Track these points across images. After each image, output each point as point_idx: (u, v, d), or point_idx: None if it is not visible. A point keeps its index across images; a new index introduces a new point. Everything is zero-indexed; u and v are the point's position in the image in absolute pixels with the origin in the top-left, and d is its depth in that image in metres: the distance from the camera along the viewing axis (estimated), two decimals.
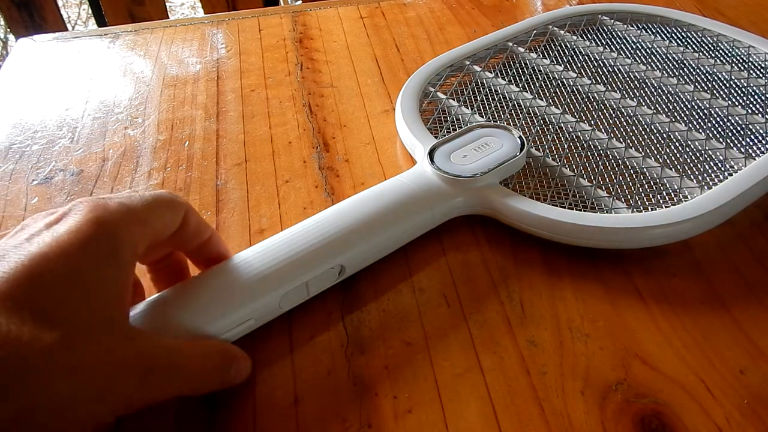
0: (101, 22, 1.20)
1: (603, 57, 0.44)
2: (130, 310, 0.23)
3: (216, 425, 0.25)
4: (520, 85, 0.42)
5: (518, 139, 0.34)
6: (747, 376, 0.26)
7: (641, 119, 0.39)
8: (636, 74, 0.43)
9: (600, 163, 0.35)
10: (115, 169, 0.38)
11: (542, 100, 0.40)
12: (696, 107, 0.39)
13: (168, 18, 1.22)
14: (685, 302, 0.29)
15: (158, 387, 0.22)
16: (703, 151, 0.36)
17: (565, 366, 0.26)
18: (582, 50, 0.46)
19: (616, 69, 0.44)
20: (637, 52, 0.46)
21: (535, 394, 0.25)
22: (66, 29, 1.22)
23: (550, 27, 0.48)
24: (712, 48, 0.45)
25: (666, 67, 0.44)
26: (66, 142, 0.41)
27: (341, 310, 0.29)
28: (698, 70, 0.43)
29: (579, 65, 0.44)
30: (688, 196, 0.32)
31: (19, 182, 0.37)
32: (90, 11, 1.23)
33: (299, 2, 1.48)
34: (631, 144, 0.36)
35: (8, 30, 1.41)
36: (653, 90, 0.41)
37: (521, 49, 0.45)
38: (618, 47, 0.46)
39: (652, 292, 0.29)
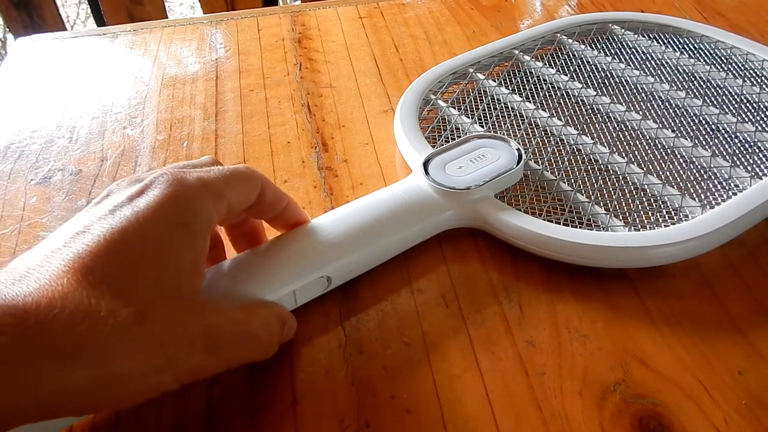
0: (100, 22, 1.20)
1: (610, 67, 0.44)
2: (203, 279, 0.24)
3: (215, 425, 0.25)
4: (524, 94, 0.41)
5: (516, 151, 0.33)
6: (745, 377, 0.26)
7: (645, 133, 0.38)
8: (643, 86, 0.42)
9: (600, 178, 0.34)
10: (114, 168, 0.38)
11: (545, 110, 0.39)
12: (703, 122, 0.38)
13: (167, 18, 1.22)
14: (683, 303, 0.29)
15: (223, 359, 0.23)
16: (707, 169, 0.35)
17: (563, 367, 0.26)
18: (589, 60, 0.45)
19: (623, 80, 0.43)
20: (646, 63, 0.45)
21: (534, 394, 0.25)
22: (65, 29, 1.22)
23: (558, 35, 0.47)
24: (725, 61, 0.44)
25: (675, 79, 0.43)
26: (65, 141, 0.41)
27: (339, 311, 0.29)
28: (708, 84, 0.42)
29: (585, 75, 0.43)
30: (689, 216, 0.31)
31: (18, 182, 0.37)
32: (89, 11, 1.23)
33: (298, 2, 1.48)
34: (633, 159, 0.36)
35: (7, 29, 1.41)
36: (660, 103, 0.40)
37: (527, 58, 0.45)
38: (627, 58, 0.45)
39: (651, 294, 0.29)
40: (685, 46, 0.46)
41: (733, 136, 0.37)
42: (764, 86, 0.41)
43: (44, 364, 0.18)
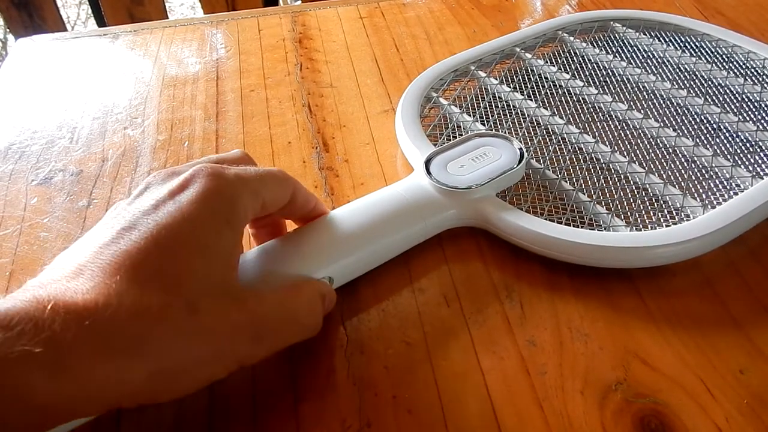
0: (101, 23, 1.21)
1: (612, 66, 0.44)
2: (238, 266, 0.25)
3: (216, 425, 0.25)
4: (525, 93, 0.41)
5: (517, 150, 0.33)
6: (747, 376, 0.26)
7: (647, 132, 0.37)
8: (645, 85, 0.42)
9: (601, 177, 0.34)
10: (115, 169, 0.38)
11: (546, 109, 0.39)
12: (705, 121, 0.38)
13: (167, 18, 1.22)
14: (684, 302, 0.29)
15: (269, 345, 0.24)
16: (708, 168, 0.35)
17: (564, 366, 0.26)
18: (591, 58, 0.45)
19: (624, 79, 0.42)
20: (648, 61, 0.44)
21: (535, 394, 0.25)
22: (65, 29, 1.22)
23: (560, 33, 0.47)
24: (726, 59, 0.44)
25: (676, 78, 0.42)
26: (65, 142, 0.41)
27: (341, 311, 0.29)
28: (710, 82, 0.42)
29: (587, 74, 0.43)
30: (690, 216, 0.31)
31: (19, 182, 0.37)
32: (89, 11, 1.23)
33: (299, 2, 1.48)
34: (634, 158, 0.35)
35: (8, 30, 1.41)
36: (662, 102, 0.40)
37: (528, 56, 0.44)
38: (628, 56, 0.45)
39: (652, 293, 0.29)
40: (687, 44, 0.46)
41: (734, 135, 0.37)
42: (765, 85, 0.41)
43: (104, 361, 0.19)
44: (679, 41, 0.46)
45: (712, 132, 0.38)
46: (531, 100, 0.40)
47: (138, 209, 0.23)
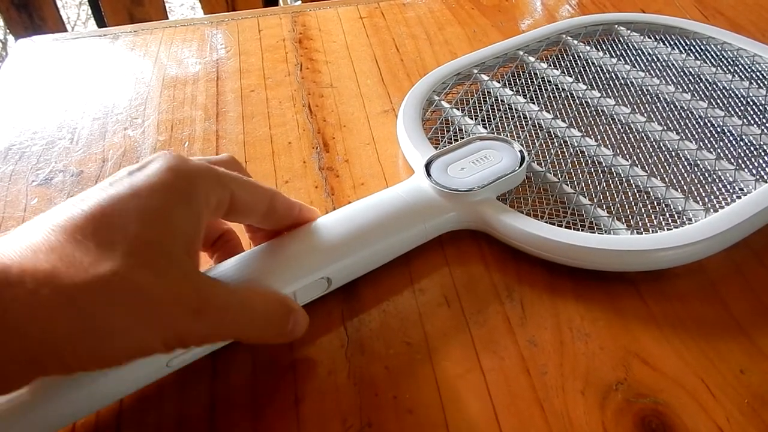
0: (101, 23, 1.21)
1: (616, 69, 0.43)
2: (199, 256, 0.24)
3: (217, 425, 0.25)
4: (528, 96, 0.41)
5: (518, 153, 0.33)
6: (747, 375, 0.26)
7: (650, 135, 0.37)
8: (649, 88, 0.42)
9: (603, 180, 0.34)
10: (115, 169, 0.38)
11: (549, 112, 0.39)
12: (708, 125, 0.38)
13: (167, 18, 1.22)
14: (685, 303, 0.29)
15: (213, 326, 0.23)
16: (711, 172, 0.34)
17: (565, 366, 0.26)
18: (594, 61, 0.44)
19: (628, 82, 0.42)
20: (652, 64, 0.44)
21: (536, 394, 0.25)
22: (65, 30, 1.22)
23: (564, 36, 0.47)
24: (731, 63, 0.44)
25: (681, 81, 0.42)
26: (66, 143, 0.41)
27: (342, 311, 0.29)
28: (714, 86, 0.42)
29: (590, 77, 0.43)
30: (692, 219, 0.31)
31: (19, 183, 0.37)
32: (89, 12, 1.23)
33: (299, 2, 1.48)
34: (636, 162, 0.35)
35: (8, 31, 1.41)
36: (665, 105, 0.40)
37: (532, 59, 0.44)
38: (632, 59, 0.45)
39: (653, 293, 0.29)
40: (692, 47, 0.46)
41: (738, 138, 0.37)
42: None
43: (26, 313, 0.19)
44: (684, 44, 0.46)
45: (716, 135, 0.37)
46: (533, 103, 0.40)
47: (96, 187, 0.23)
